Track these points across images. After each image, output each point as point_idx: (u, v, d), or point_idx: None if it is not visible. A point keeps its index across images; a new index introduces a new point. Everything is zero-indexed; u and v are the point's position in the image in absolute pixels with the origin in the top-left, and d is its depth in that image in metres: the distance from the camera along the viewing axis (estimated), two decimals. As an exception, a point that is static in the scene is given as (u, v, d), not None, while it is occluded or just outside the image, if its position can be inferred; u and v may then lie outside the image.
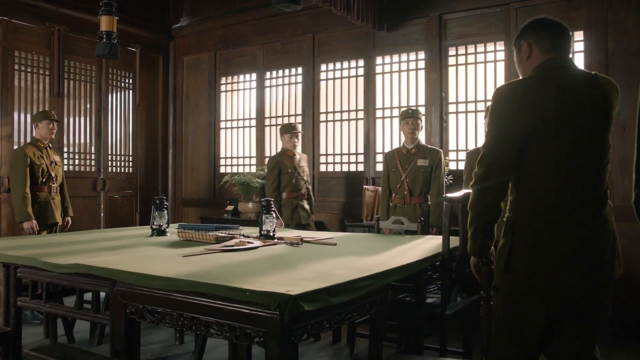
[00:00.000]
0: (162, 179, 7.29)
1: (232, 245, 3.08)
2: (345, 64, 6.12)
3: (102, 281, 2.40)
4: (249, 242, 3.19)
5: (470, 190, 2.11)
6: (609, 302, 2.01)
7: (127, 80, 6.88)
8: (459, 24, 5.37)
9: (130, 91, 6.92)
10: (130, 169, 6.93)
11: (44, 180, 4.87)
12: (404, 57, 5.74)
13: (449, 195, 3.04)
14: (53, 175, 4.95)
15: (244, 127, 6.94)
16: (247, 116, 6.92)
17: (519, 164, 2.02)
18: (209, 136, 7.09)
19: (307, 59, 6.29)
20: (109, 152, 6.64)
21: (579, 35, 4.77)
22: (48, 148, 5.02)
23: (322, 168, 6.22)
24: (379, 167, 5.66)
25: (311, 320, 2.03)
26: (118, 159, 6.76)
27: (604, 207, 1.99)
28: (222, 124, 7.07)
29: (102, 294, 2.73)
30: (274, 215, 3.53)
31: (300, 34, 6.33)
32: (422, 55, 5.61)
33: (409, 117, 4.69)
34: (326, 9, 5.82)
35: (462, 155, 5.35)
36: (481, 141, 5.21)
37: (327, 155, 6.19)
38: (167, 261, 2.58)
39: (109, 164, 6.63)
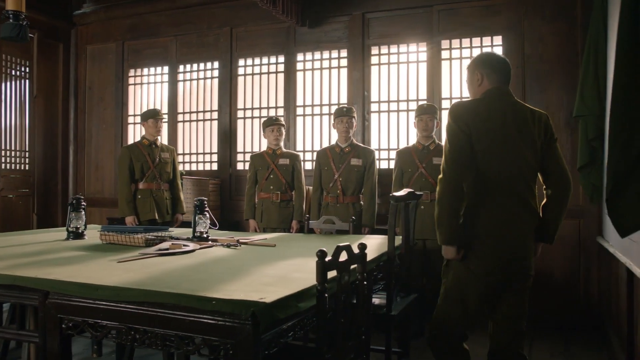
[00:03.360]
0: (62, 177, 6.71)
1: (167, 249, 2.87)
2: (265, 60, 5.96)
3: (30, 293, 2.10)
4: (184, 245, 2.98)
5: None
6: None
7: (22, 69, 6.25)
8: (382, 24, 5.39)
9: (27, 81, 6.30)
10: (27, 166, 6.31)
11: (147, 177, 4.94)
12: (325, 54, 5.69)
13: (396, 194, 3.00)
14: (157, 172, 4.96)
15: (154, 122, 6.56)
16: (158, 111, 6.55)
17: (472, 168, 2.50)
18: (116, 132, 6.63)
19: (225, 53, 6.06)
20: (2, 148, 5.98)
21: (497, 40, 4.96)
22: (154, 146, 5.03)
23: (240, 166, 6.01)
24: (306, 166, 5.55)
25: (277, 328, 1.89)
26: (12, 154, 6.13)
27: (533, 197, 2.56)
28: (130, 119, 6.65)
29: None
30: (208, 215, 3.34)
31: (217, 27, 6.08)
32: (344, 53, 5.58)
33: (343, 115, 4.63)
34: (244, 3, 5.66)
35: (384, 154, 5.39)
36: (404, 141, 5.27)
37: (244, 153, 6.00)
38: (102, 268, 2.33)
39: (2, 161, 5.98)
